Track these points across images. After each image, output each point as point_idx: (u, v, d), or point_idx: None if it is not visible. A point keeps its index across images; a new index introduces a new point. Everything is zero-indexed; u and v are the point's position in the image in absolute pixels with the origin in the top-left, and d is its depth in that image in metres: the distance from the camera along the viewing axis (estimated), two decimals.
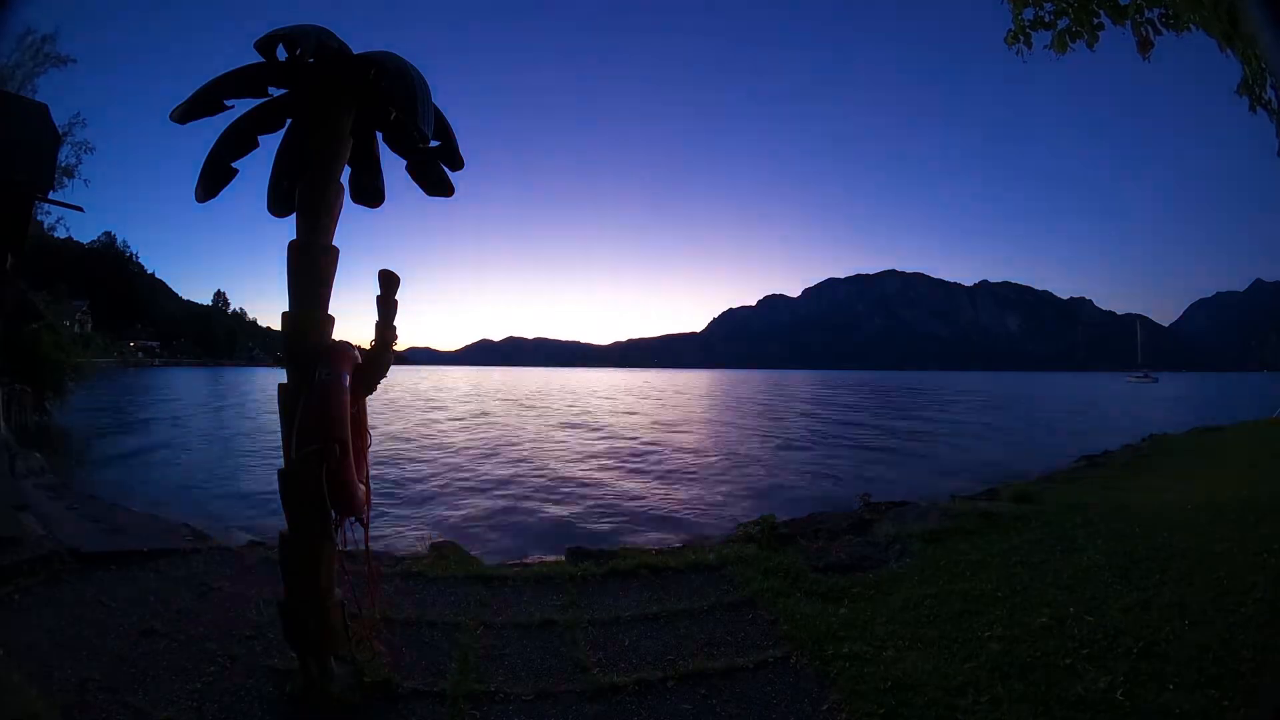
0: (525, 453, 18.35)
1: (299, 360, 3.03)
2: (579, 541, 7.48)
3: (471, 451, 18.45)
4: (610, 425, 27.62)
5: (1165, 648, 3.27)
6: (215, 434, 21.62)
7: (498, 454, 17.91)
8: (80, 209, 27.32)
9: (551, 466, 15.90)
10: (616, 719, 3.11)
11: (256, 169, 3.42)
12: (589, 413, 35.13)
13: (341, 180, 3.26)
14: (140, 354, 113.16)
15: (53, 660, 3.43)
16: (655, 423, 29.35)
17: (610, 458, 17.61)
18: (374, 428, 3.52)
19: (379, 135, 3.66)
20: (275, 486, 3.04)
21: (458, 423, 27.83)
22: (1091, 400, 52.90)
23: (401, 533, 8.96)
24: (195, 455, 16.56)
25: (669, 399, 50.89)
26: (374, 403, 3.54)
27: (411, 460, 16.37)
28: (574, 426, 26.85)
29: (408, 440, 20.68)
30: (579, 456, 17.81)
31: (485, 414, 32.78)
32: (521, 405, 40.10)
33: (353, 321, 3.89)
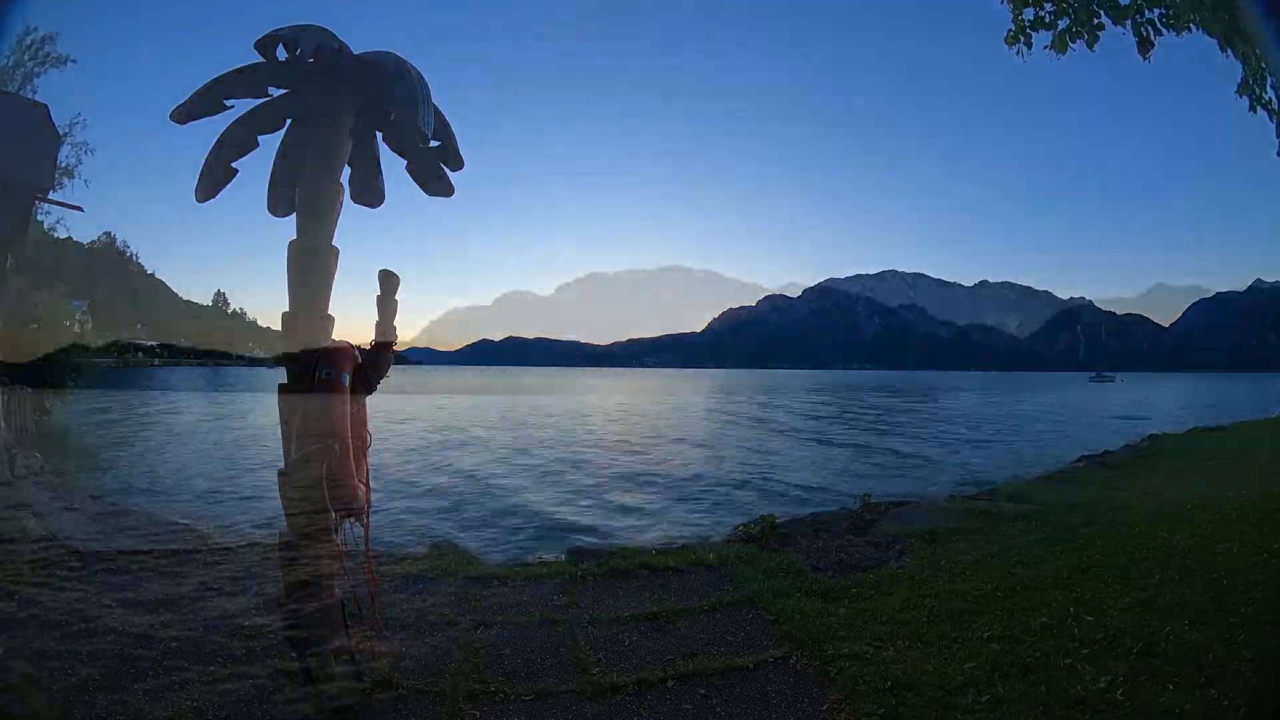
0: (526, 454, 18.34)
1: (299, 360, 3.03)
2: (579, 542, 7.47)
3: (471, 451, 18.45)
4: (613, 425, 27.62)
5: (1165, 648, 3.27)
6: (215, 434, 21.59)
7: (499, 455, 17.90)
8: (80, 209, 27.20)
9: (552, 468, 15.89)
10: (616, 719, 3.11)
11: (256, 169, 3.40)
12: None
13: (341, 180, 3.26)
14: (140, 354, 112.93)
15: (53, 660, 3.42)
16: (656, 424, 29.35)
17: (611, 458, 17.60)
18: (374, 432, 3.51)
19: (379, 135, 3.66)
20: (275, 487, 3.04)
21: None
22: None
23: (401, 533, 8.94)
24: (195, 455, 16.53)
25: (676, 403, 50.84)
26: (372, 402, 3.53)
27: (413, 461, 16.36)
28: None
29: (409, 440, 20.66)
30: (579, 457, 17.79)
31: None
32: None
33: (353, 321, 3.87)
